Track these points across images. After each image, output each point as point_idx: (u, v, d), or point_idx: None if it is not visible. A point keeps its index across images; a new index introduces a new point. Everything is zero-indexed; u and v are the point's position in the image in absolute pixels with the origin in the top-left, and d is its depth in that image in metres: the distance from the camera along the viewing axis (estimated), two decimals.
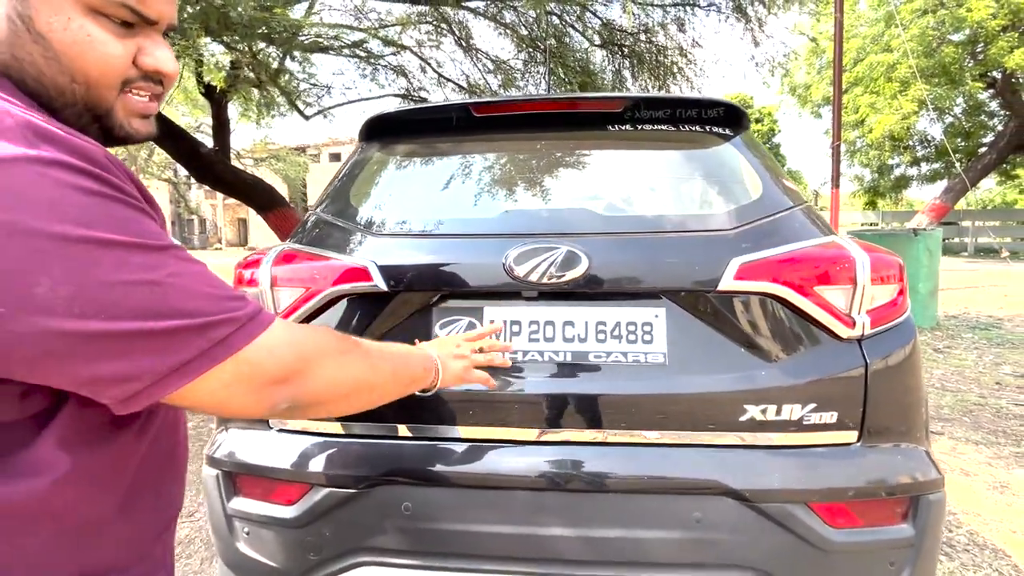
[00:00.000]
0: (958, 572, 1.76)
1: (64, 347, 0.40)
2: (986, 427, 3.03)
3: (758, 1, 5.14)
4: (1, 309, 0.38)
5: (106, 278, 0.41)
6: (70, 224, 0.39)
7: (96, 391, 0.44)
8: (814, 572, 0.98)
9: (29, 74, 0.47)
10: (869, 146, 17.05)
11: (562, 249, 1.00)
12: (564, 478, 1.01)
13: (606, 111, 1.24)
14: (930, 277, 5.81)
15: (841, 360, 1.01)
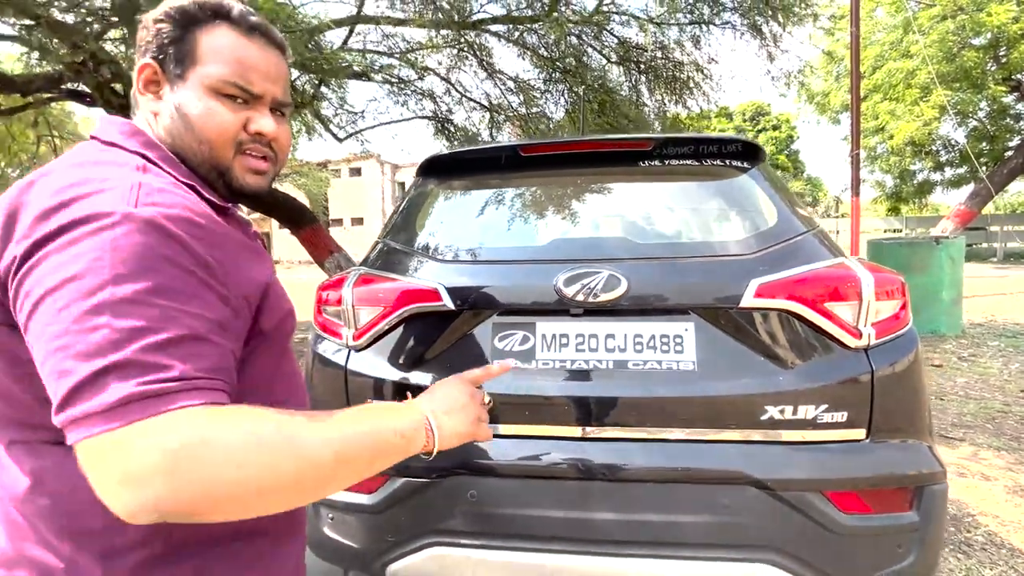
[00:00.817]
0: (975, 569, 1.86)
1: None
2: (1008, 433, 3.08)
3: (772, 19, 5.28)
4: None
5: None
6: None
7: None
8: (829, 553, 1.12)
9: (178, 144, 0.66)
10: (890, 152, 16.88)
11: (604, 273, 1.18)
12: (607, 469, 1.17)
13: (637, 150, 1.41)
14: (953, 285, 5.81)
15: (850, 367, 1.15)
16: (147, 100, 0.66)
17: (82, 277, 0.47)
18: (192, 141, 0.65)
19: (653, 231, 1.44)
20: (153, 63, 0.65)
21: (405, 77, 5.66)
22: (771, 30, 5.39)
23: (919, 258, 5.80)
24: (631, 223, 1.47)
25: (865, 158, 18.51)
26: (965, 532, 2.09)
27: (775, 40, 5.47)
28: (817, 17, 5.35)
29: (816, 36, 5.79)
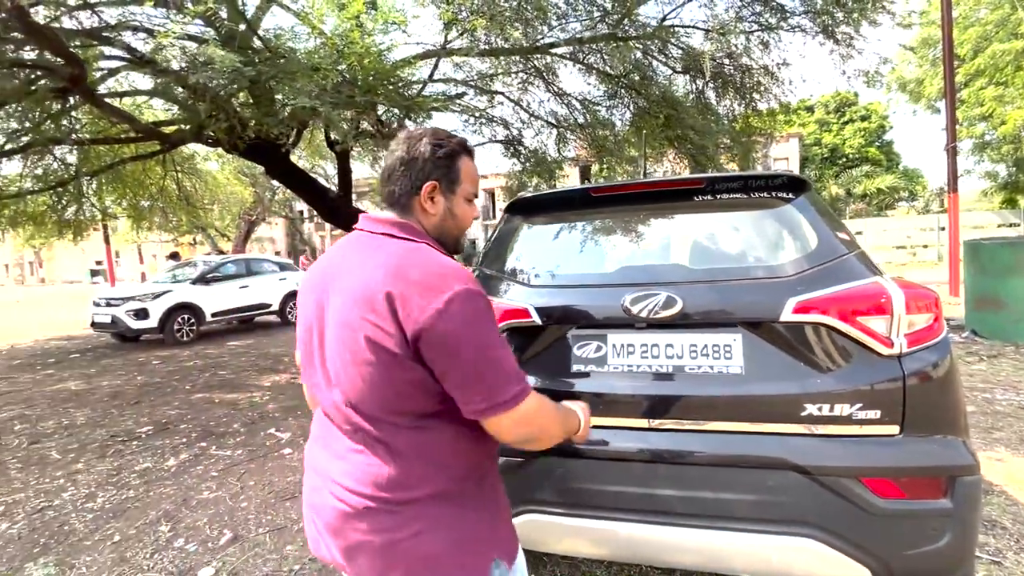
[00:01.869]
0: None
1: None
2: None
3: (843, 22, 5.18)
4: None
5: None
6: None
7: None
8: (865, 531, 1.30)
9: (440, 231, 1.02)
10: (1002, 140, 15.26)
11: (663, 295, 1.45)
12: (669, 454, 1.43)
13: (691, 187, 1.66)
14: None
15: (883, 372, 1.34)
16: (427, 204, 0.98)
17: (475, 329, 0.85)
18: (454, 229, 1.04)
19: (705, 257, 1.68)
20: (435, 182, 0.98)
21: (478, 106, 6.12)
22: (843, 32, 5.28)
23: (1023, 259, 5.38)
24: (686, 250, 1.72)
25: (971, 148, 16.85)
26: None
27: (849, 41, 5.34)
28: (894, 15, 5.17)
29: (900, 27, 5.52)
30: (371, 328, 0.84)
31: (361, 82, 3.59)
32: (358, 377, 0.88)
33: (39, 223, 9.01)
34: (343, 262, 0.95)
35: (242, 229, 22.20)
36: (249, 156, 6.51)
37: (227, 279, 10.27)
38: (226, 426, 4.34)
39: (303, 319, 1.00)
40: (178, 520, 2.73)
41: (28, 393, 5.80)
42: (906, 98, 16.83)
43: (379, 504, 0.89)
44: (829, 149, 33.01)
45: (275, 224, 34.47)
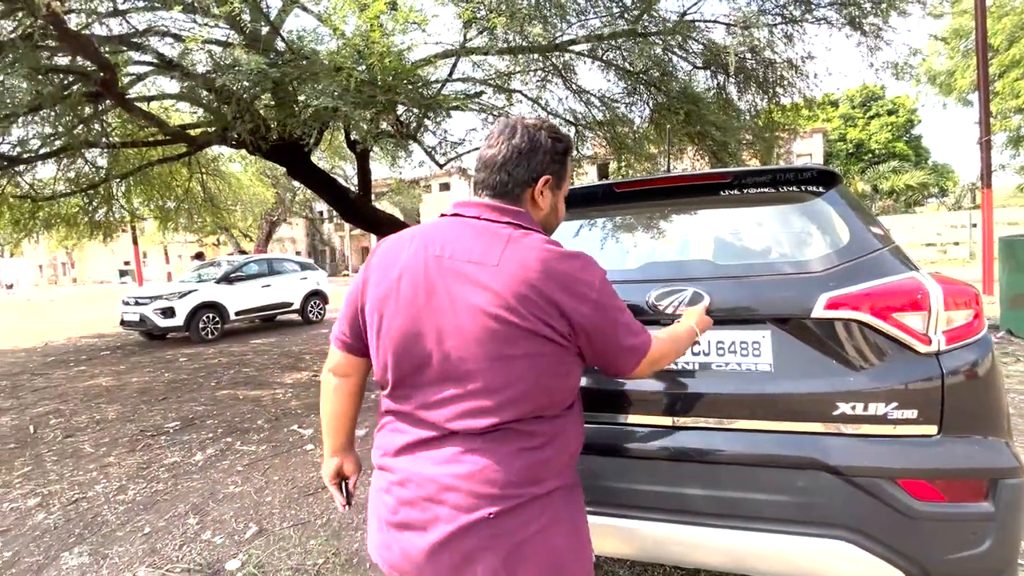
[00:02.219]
0: None
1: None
2: None
3: (871, 13, 5.04)
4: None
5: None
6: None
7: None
8: (902, 534, 1.26)
9: (544, 223, 1.03)
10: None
11: (689, 291, 1.42)
12: (695, 452, 1.40)
13: (717, 182, 1.63)
14: None
15: (920, 370, 1.29)
16: (539, 197, 0.99)
17: (616, 302, 0.94)
18: (553, 226, 1.08)
19: (732, 252, 1.65)
20: (550, 177, 0.99)
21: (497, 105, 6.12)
22: (871, 23, 5.13)
23: None
24: (712, 246, 1.69)
25: (1006, 141, 16.27)
26: None
27: (876, 33, 5.19)
28: (924, 3, 5.01)
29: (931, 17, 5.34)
30: (534, 322, 0.84)
31: (381, 82, 3.62)
32: (511, 372, 0.85)
33: (71, 224, 9.32)
34: (463, 253, 0.88)
35: (264, 229, 22.63)
36: (272, 157, 6.62)
37: (250, 278, 10.48)
38: (250, 422, 4.42)
39: (394, 316, 0.89)
40: (205, 513, 2.79)
41: (62, 389, 6.00)
42: (936, 91, 16.32)
43: (506, 504, 0.85)
44: (854, 144, 32.22)
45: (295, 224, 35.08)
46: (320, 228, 36.69)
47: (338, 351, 1.05)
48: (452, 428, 0.88)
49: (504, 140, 0.97)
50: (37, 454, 3.82)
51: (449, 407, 0.88)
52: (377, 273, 0.94)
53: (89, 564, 2.34)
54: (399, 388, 0.93)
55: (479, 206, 0.96)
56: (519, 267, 0.85)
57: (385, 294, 0.91)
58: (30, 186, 8.13)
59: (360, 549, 2.37)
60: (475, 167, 1.02)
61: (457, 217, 0.96)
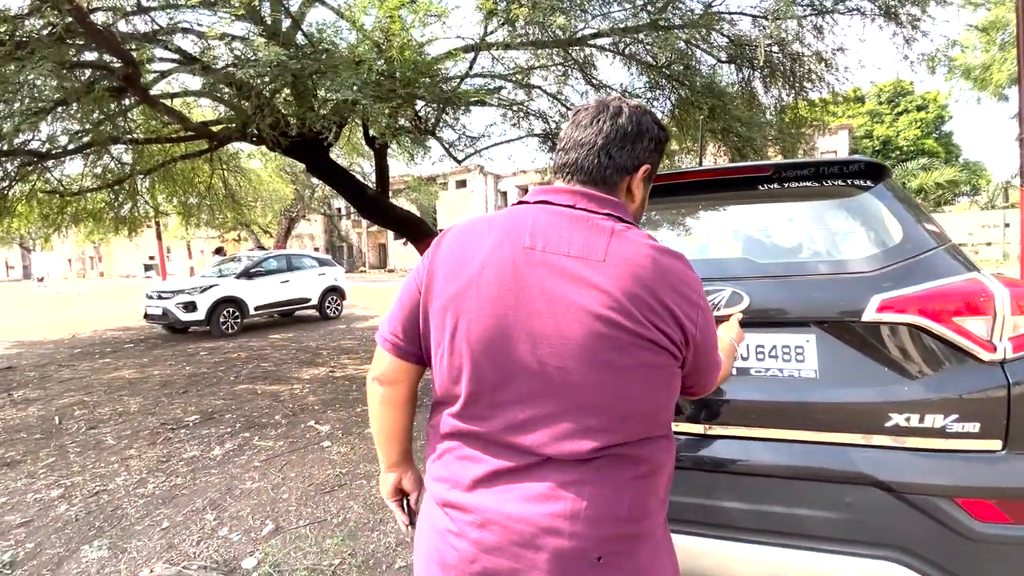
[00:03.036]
0: None
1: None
2: None
3: (909, 2, 4.83)
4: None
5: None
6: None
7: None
8: (963, 559, 1.16)
9: (634, 215, 0.89)
10: None
11: (727, 291, 1.34)
12: (729, 463, 1.32)
13: (757, 175, 1.54)
14: None
15: (983, 379, 1.19)
16: (636, 187, 0.87)
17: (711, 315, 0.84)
18: (640, 217, 0.93)
19: (773, 250, 1.55)
20: (650, 167, 0.87)
21: (516, 99, 6.05)
22: (908, 12, 4.92)
23: None
24: (752, 243, 1.60)
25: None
26: None
27: (913, 23, 4.98)
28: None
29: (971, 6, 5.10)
30: (649, 327, 0.72)
31: (401, 75, 3.57)
32: (622, 386, 0.73)
33: (98, 219, 9.51)
34: (559, 245, 0.75)
35: (283, 226, 22.94)
36: (291, 154, 6.65)
37: (269, 274, 10.59)
38: (268, 417, 4.43)
39: (475, 317, 0.75)
40: (223, 509, 2.78)
41: (87, 380, 6.11)
42: (970, 85, 15.73)
43: (617, 546, 0.73)
44: (881, 142, 31.38)
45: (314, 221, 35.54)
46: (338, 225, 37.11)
47: (388, 355, 0.89)
48: (548, 453, 0.73)
49: (607, 120, 0.83)
50: (61, 445, 3.87)
51: (544, 428, 0.73)
52: (448, 266, 0.79)
53: (108, 558, 2.34)
54: (475, 404, 0.77)
55: (572, 193, 0.82)
56: (630, 264, 0.73)
57: (461, 291, 0.76)
58: (58, 181, 8.31)
59: (377, 550, 2.33)
60: (561, 147, 0.87)
61: (545, 205, 0.82)
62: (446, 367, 0.79)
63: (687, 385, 0.86)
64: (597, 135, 0.83)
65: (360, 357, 7.11)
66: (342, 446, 3.66)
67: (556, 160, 0.88)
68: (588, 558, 0.71)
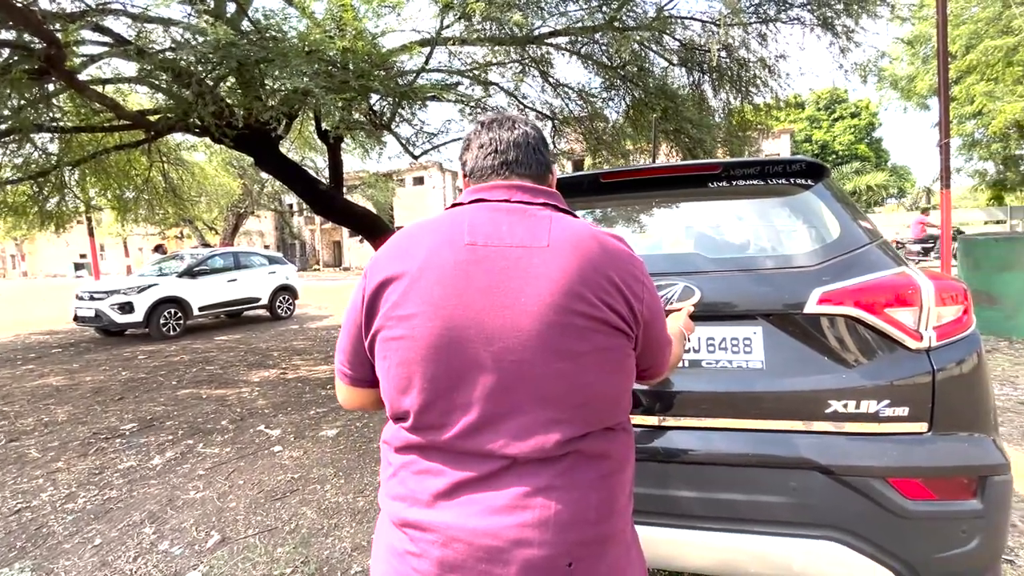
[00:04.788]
0: None
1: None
2: None
3: (843, 14, 5.12)
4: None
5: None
6: None
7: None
8: (893, 534, 1.24)
9: None
10: (991, 137, 15.39)
11: (679, 285, 1.37)
12: (683, 453, 1.35)
13: (707, 173, 1.58)
14: None
15: (911, 367, 1.27)
16: (551, 186, 0.91)
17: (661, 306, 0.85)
18: None
19: (722, 246, 1.61)
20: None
21: (474, 95, 6.00)
22: (843, 24, 5.23)
23: (1017, 255, 5.39)
24: (702, 239, 1.64)
25: (961, 145, 16.99)
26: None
27: (848, 34, 5.29)
28: (894, 7, 5.13)
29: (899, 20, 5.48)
30: (602, 308, 0.72)
31: (354, 67, 3.46)
32: (579, 373, 0.71)
33: (20, 214, 8.75)
34: (501, 237, 0.74)
35: (230, 222, 21.91)
36: (238, 146, 6.34)
37: (214, 272, 10.08)
38: (214, 423, 4.22)
39: (420, 324, 0.71)
40: (163, 521, 2.62)
41: (7, 389, 5.62)
42: (897, 95, 16.91)
43: (586, 550, 0.71)
44: (820, 146, 33.23)
45: (264, 217, 34.12)
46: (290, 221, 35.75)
47: (343, 385, 0.87)
48: (511, 454, 0.70)
49: (522, 125, 0.89)
50: None
51: (505, 427, 0.70)
52: (386, 278, 0.75)
53: None
54: (429, 413, 0.72)
55: (506, 187, 0.82)
56: (574, 247, 0.73)
57: (402, 298, 0.73)
58: None
59: (331, 556, 2.26)
60: (492, 149, 0.86)
61: (480, 203, 0.81)
62: (395, 380, 0.75)
63: (641, 368, 0.87)
64: (526, 136, 0.87)
65: (313, 358, 6.88)
66: (294, 450, 3.53)
67: (486, 162, 0.86)
68: (559, 566, 0.69)
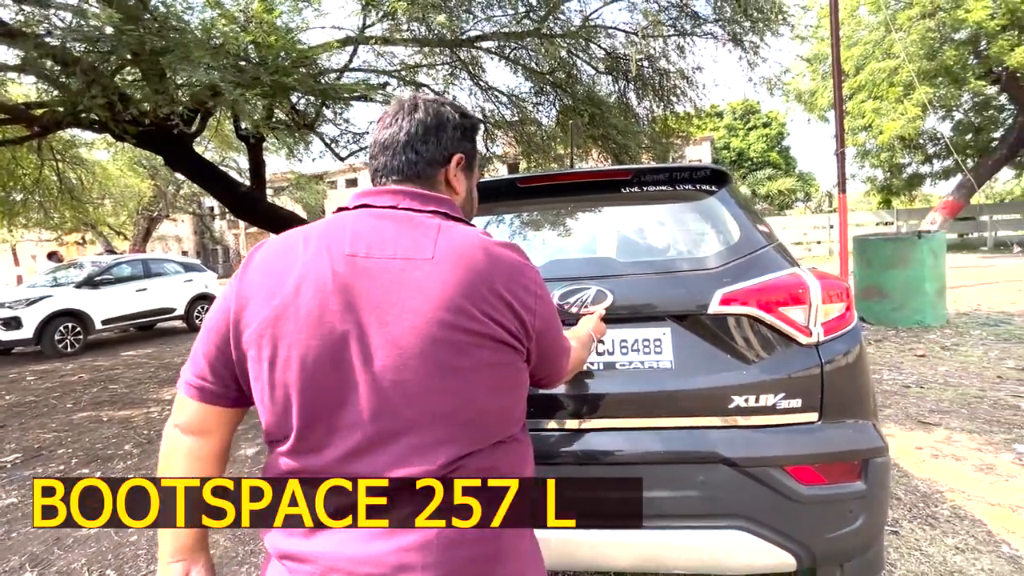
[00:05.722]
0: (938, 539, 2.06)
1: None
2: (982, 417, 3.30)
3: (750, 31, 5.53)
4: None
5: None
6: None
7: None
8: (791, 519, 1.32)
9: (464, 212, 0.88)
10: (880, 148, 17.14)
11: (593, 289, 1.39)
12: (601, 455, 1.37)
13: (619, 179, 1.63)
14: (936, 278, 6.04)
15: (802, 361, 1.36)
16: (453, 179, 0.85)
17: (552, 300, 0.84)
18: (471, 212, 0.93)
19: (633, 250, 1.66)
20: (463, 156, 0.86)
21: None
22: (750, 40, 5.63)
23: (902, 253, 6.03)
24: (614, 243, 1.69)
25: (855, 154, 18.81)
26: (933, 506, 2.30)
27: (755, 50, 5.71)
28: (793, 27, 5.59)
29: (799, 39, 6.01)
30: (487, 323, 0.69)
31: (271, 63, 3.27)
32: (464, 390, 0.68)
33: None
34: (384, 248, 0.70)
35: (141, 226, 20.15)
36: (144, 144, 5.83)
37: (121, 282, 9.20)
38: (115, 448, 3.83)
39: (296, 340, 0.67)
40: (48, 564, 2.33)
41: None
42: (801, 108, 18.46)
43: (479, 564, 0.69)
44: (736, 153, 35.60)
45: (182, 221, 31.66)
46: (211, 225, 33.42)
47: (192, 402, 0.77)
48: (394, 477, 0.67)
49: (405, 116, 0.82)
50: None
51: (386, 450, 0.67)
52: (261, 287, 0.71)
53: None
54: (308, 438, 0.68)
55: (394, 193, 0.78)
56: (461, 259, 0.70)
57: (278, 313, 0.68)
58: None
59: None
60: (371, 154, 0.86)
61: (366, 208, 0.77)
62: (269, 402, 0.70)
63: (537, 377, 0.86)
64: (399, 133, 0.82)
65: None
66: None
67: (377, 162, 0.84)
68: None
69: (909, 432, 3.15)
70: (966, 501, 2.33)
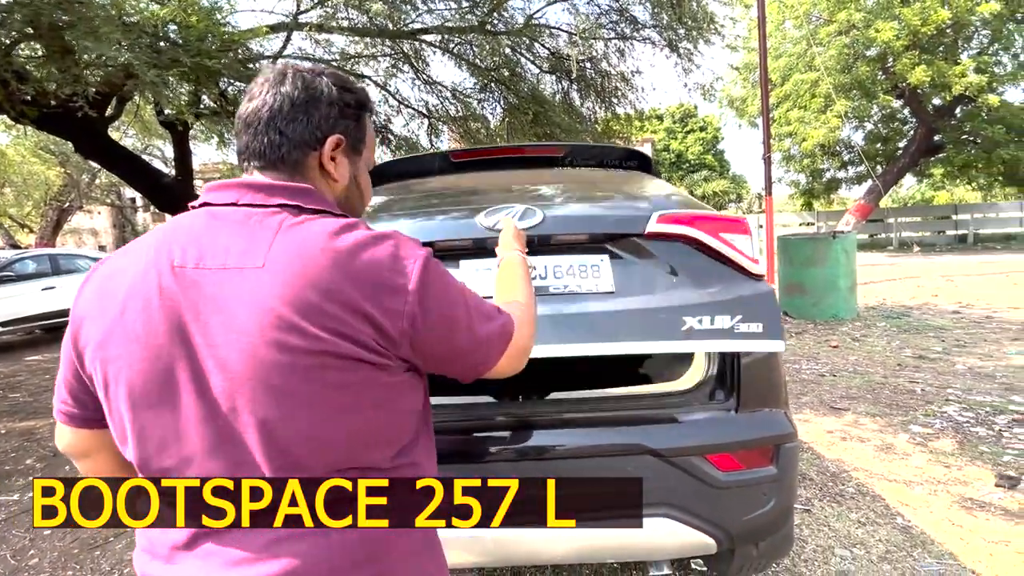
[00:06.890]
0: (844, 514, 2.25)
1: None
2: (884, 402, 3.63)
3: (685, 38, 5.78)
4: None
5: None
6: None
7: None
8: (712, 504, 1.40)
9: (346, 204, 0.78)
10: (803, 154, 18.41)
11: (520, 206, 1.38)
12: (535, 451, 1.39)
13: (552, 155, 1.65)
14: (848, 275, 6.57)
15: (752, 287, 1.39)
16: (329, 165, 0.73)
17: (451, 285, 0.71)
18: (358, 203, 0.82)
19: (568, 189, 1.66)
20: (341, 137, 0.73)
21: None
22: (685, 47, 5.89)
23: (819, 252, 6.51)
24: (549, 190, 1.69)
25: (781, 160, 20.11)
26: (840, 485, 2.51)
27: (689, 56, 5.98)
28: (724, 36, 5.90)
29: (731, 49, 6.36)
30: (328, 340, 0.59)
31: (192, 44, 3.05)
32: (305, 416, 0.60)
33: None
34: (215, 256, 0.62)
35: (50, 218, 18.36)
36: (47, 128, 5.30)
37: (23, 280, 8.34)
38: (15, 463, 3.47)
39: (124, 365, 0.61)
40: None
41: None
42: (733, 113, 19.51)
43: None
44: (675, 155, 37.13)
45: (98, 213, 29.10)
46: (132, 218, 30.92)
47: (65, 428, 0.72)
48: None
49: (270, 89, 0.70)
50: None
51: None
52: (92, 307, 0.64)
53: None
54: (153, 463, 0.63)
55: (238, 187, 0.67)
56: (296, 265, 0.60)
57: (106, 335, 0.61)
58: None
59: None
60: (235, 130, 0.75)
61: (206, 208, 0.67)
62: (115, 427, 0.65)
63: (457, 373, 0.74)
64: (262, 108, 0.69)
65: None
66: None
67: (238, 146, 0.74)
68: None
69: (822, 417, 3.42)
70: (868, 479, 2.56)
